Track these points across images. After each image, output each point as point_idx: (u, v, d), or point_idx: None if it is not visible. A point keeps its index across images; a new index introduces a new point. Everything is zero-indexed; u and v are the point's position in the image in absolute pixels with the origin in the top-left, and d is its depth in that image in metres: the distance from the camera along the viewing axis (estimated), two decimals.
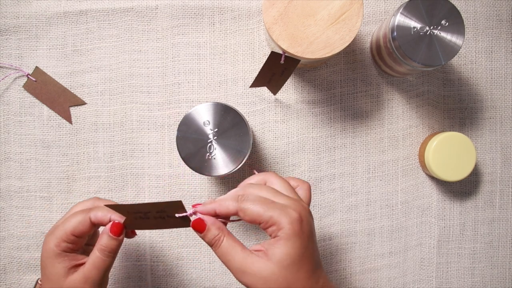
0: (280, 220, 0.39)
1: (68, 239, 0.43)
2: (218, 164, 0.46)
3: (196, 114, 0.47)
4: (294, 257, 0.39)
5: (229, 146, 0.46)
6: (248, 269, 0.39)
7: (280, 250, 0.39)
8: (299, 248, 0.39)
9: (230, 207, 0.41)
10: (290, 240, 0.39)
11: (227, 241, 0.41)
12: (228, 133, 0.46)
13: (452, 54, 0.49)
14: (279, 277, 0.39)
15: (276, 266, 0.39)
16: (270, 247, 0.39)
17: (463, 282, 0.60)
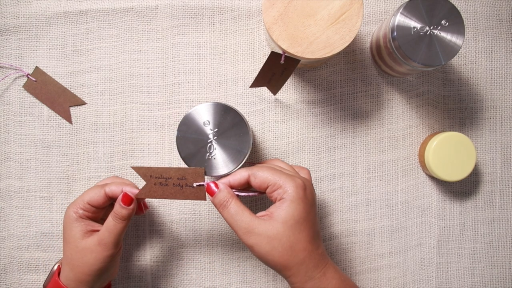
0: (286, 184, 0.43)
1: (84, 207, 0.48)
2: (218, 164, 0.46)
3: (196, 114, 0.47)
4: (298, 218, 0.43)
5: (229, 146, 0.46)
6: (255, 229, 0.43)
7: (285, 211, 0.42)
8: (303, 211, 0.43)
9: (242, 174, 0.45)
10: (294, 202, 0.43)
11: (236, 203, 0.44)
12: (228, 133, 0.47)
13: (452, 54, 0.49)
14: (283, 236, 0.42)
15: (280, 226, 0.42)
16: (275, 209, 0.43)
17: (463, 282, 0.60)
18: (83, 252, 0.47)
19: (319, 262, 0.44)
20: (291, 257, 0.42)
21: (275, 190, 0.44)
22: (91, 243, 0.47)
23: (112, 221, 0.47)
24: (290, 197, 0.43)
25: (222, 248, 0.59)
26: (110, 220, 0.47)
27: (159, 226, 0.59)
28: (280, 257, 0.42)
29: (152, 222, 0.59)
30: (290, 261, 0.42)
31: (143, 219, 0.59)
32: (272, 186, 0.44)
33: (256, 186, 0.45)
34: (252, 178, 0.45)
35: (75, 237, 0.47)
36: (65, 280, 0.48)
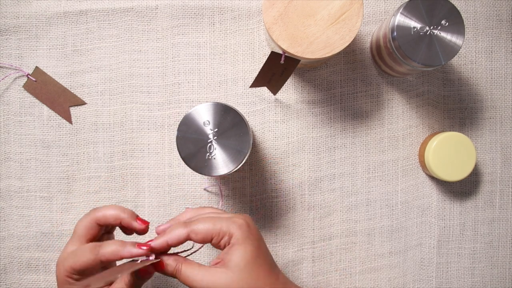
0: (230, 229, 0.42)
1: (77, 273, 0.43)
2: (218, 164, 0.46)
3: (196, 114, 0.47)
4: (249, 258, 0.42)
5: (229, 146, 0.46)
6: (210, 283, 0.41)
7: (235, 255, 0.41)
8: (252, 250, 0.42)
9: (180, 233, 0.42)
10: (242, 244, 0.42)
11: (185, 266, 0.42)
12: (228, 133, 0.46)
13: (452, 54, 0.49)
14: (239, 281, 0.41)
15: (234, 271, 0.41)
16: (225, 256, 0.42)
17: (463, 282, 0.60)
18: None
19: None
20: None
21: (221, 239, 0.42)
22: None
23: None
24: (237, 240, 0.42)
25: None
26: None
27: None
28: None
29: (153, 222, 0.59)
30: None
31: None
32: (217, 237, 0.42)
33: (199, 241, 0.43)
34: (193, 235, 0.42)
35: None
36: None
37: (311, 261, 0.59)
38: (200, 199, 0.59)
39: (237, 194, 0.59)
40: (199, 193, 0.59)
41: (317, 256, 0.60)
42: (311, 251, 0.59)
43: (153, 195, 0.59)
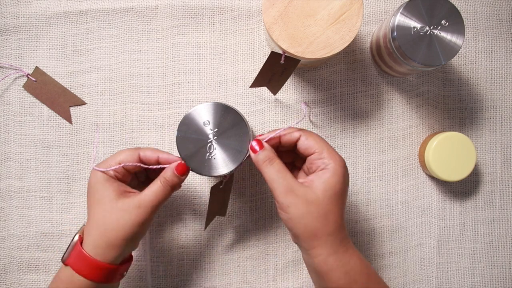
0: (332, 156, 0.44)
1: (116, 169, 0.46)
2: (218, 164, 0.46)
3: (196, 114, 0.47)
4: (336, 191, 0.43)
5: (229, 146, 0.46)
6: (295, 190, 0.43)
7: (327, 181, 0.43)
8: (342, 185, 0.44)
9: (294, 133, 0.46)
10: (336, 175, 0.43)
11: (280, 163, 0.45)
12: (228, 133, 0.46)
13: (452, 54, 0.49)
14: (321, 203, 0.43)
15: (320, 193, 0.43)
16: (316, 178, 0.44)
17: (463, 282, 0.60)
18: (120, 213, 0.44)
19: (344, 238, 0.44)
20: (323, 225, 0.42)
21: (320, 159, 0.44)
22: (131, 204, 0.44)
23: (160, 186, 0.45)
24: (333, 169, 0.43)
25: (222, 248, 0.59)
26: (158, 185, 0.46)
27: (159, 226, 0.59)
28: (313, 223, 0.42)
29: (152, 222, 0.59)
30: (321, 230, 0.42)
31: None
32: (319, 154, 0.44)
33: (302, 149, 0.45)
34: (303, 139, 0.45)
35: (109, 197, 0.45)
36: (92, 248, 0.44)
37: None
38: (200, 199, 0.59)
39: (237, 194, 0.59)
40: (199, 193, 0.59)
41: None
42: None
43: None
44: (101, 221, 0.45)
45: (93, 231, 0.45)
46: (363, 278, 0.44)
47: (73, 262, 0.45)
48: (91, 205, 0.46)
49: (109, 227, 0.44)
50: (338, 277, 0.43)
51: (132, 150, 0.47)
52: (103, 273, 0.44)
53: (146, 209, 0.45)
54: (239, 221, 0.59)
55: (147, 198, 0.45)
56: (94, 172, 0.46)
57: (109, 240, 0.44)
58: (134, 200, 0.45)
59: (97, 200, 0.45)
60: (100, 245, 0.44)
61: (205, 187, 0.59)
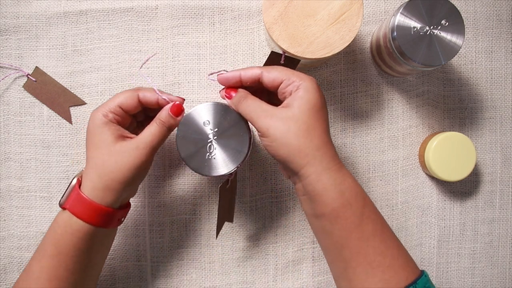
0: (301, 77, 0.43)
1: (115, 111, 0.46)
2: (218, 164, 0.46)
3: (196, 114, 0.47)
4: (313, 105, 0.42)
5: (229, 146, 0.46)
6: (270, 112, 0.43)
7: (300, 98, 0.42)
8: (318, 99, 0.43)
9: (254, 70, 0.45)
10: (309, 91, 0.42)
11: (253, 97, 0.45)
12: (228, 133, 0.47)
13: (452, 54, 0.49)
14: (299, 119, 0.42)
15: (296, 110, 0.42)
16: (290, 99, 0.43)
17: (463, 282, 0.60)
18: (118, 155, 0.44)
19: (334, 154, 0.43)
20: (307, 140, 0.41)
21: (290, 84, 0.43)
22: (129, 146, 0.45)
23: (156, 127, 0.46)
24: (305, 87, 0.42)
25: (222, 248, 0.59)
26: (155, 126, 0.46)
27: (159, 226, 0.59)
28: (295, 139, 0.41)
29: (152, 222, 0.59)
30: (306, 146, 0.41)
31: (143, 218, 0.59)
32: (287, 81, 0.43)
33: (268, 83, 0.44)
34: (265, 74, 0.44)
35: (107, 140, 0.45)
36: (90, 190, 0.44)
37: (311, 261, 0.59)
38: (200, 199, 0.59)
39: (237, 194, 0.59)
40: (199, 193, 0.59)
41: (317, 256, 0.60)
42: (311, 251, 0.59)
43: (153, 195, 0.59)
44: (99, 164, 0.44)
45: (91, 174, 0.45)
46: (359, 202, 0.42)
47: (71, 205, 0.45)
48: (89, 149, 0.46)
49: (107, 169, 0.44)
50: (332, 197, 0.41)
51: (131, 91, 0.47)
52: (101, 216, 0.44)
53: (144, 150, 0.45)
54: (239, 221, 0.59)
55: (144, 140, 0.45)
56: (93, 116, 0.46)
57: (107, 183, 0.44)
58: (132, 142, 0.45)
59: (95, 144, 0.45)
60: (99, 187, 0.44)
61: (205, 187, 0.59)
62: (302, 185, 0.43)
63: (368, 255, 0.41)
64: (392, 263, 0.41)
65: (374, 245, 0.41)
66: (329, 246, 0.43)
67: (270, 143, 0.42)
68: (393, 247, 0.42)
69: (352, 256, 0.41)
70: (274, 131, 0.42)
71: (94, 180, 0.44)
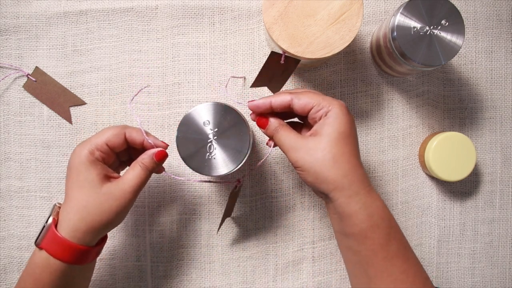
0: (330, 103, 0.44)
1: (102, 148, 0.45)
2: (218, 164, 0.46)
3: (196, 114, 0.47)
4: (341, 131, 0.43)
5: (229, 146, 0.46)
6: (299, 145, 0.44)
7: (329, 125, 0.43)
8: (347, 126, 0.43)
9: (285, 97, 0.45)
10: (338, 117, 0.43)
11: (285, 128, 0.46)
12: (228, 133, 0.46)
13: (452, 54, 0.49)
14: (325, 148, 0.42)
15: (324, 138, 0.43)
16: (319, 126, 0.44)
17: (463, 282, 0.60)
18: (104, 198, 0.44)
19: (364, 178, 0.44)
20: (333, 168, 0.42)
21: (319, 110, 0.44)
22: (116, 189, 0.44)
23: (140, 170, 0.46)
24: (334, 113, 0.43)
25: (222, 248, 0.59)
26: (139, 169, 0.46)
27: (159, 226, 0.59)
28: (322, 168, 0.42)
29: (152, 222, 0.59)
30: (332, 173, 0.42)
31: (143, 219, 0.59)
32: (317, 107, 0.44)
33: (298, 109, 0.45)
34: (295, 100, 0.45)
35: (93, 182, 0.44)
36: (71, 231, 0.43)
37: (311, 261, 0.59)
38: (200, 199, 0.59)
39: None
40: (199, 193, 0.59)
41: (317, 256, 0.60)
42: (311, 251, 0.59)
43: (153, 195, 0.59)
44: (82, 206, 0.43)
45: (72, 215, 0.44)
46: (386, 224, 0.43)
47: (48, 246, 0.44)
48: (71, 188, 0.44)
49: (91, 212, 0.43)
50: (360, 219, 0.42)
51: (118, 129, 0.47)
52: (79, 255, 0.44)
53: (131, 194, 0.45)
54: (239, 221, 0.59)
55: (130, 183, 0.45)
56: (78, 152, 0.45)
57: (90, 225, 0.43)
58: (119, 186, 0.45)
59: (79, 183, 0.44)
60: (80, 229, 0.43)
61: (205, 187, 0.59)
62: (333, 206, 0.44)
63: (392, 274, 0.42)
64: (414, 280, 0.43)
65: (398, 264, 0.43)
66: (355, 263, 0.44)
67: (301, 172, 0.44)
68: (415, 265, 0.44)
69: (377, 274, 0.43)
70: (302, 163, 0.43)
71: (75, 222, 0.43)
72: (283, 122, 0.46)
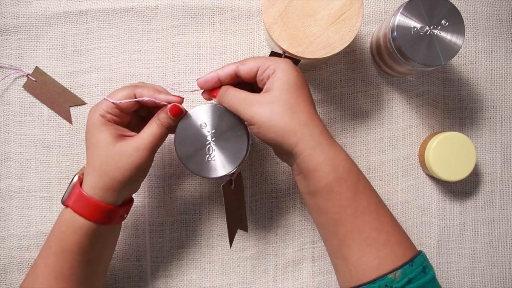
0: (276, 60, 0.44)
1: (112, 111, 0.45)
2: (217, 166, 0.46)
3: (194, 116, 0.47)
4: (292, 83, 0.42)
5: (227, 148, 0.46)
6: (253, 100, 0.43)
7: (278, 79, 0.43)
8: (297, 77, 0.43)
9: (230, 67, 0.45)
10: (286, 71, 0.43)
11: (233, 89, 0.45)
12: (226, 135, 0.46)
13: (452, 54, 0.49)
14: (280, 100, 0.42)
15: (276, 91, 0.42)
16: (270, 83, 0.43)
17: (463, 282, 0.60)
18: (118, 156, 0.44)
19: (324, 129, 0.43)
20: (292, 118, 0.41)
21: (266, 69, 0.44)
22: (129, 147, 0.44)
23: (156, 127, 0.45)
24: (281, 69, 0.43)
25: (222, 248, 0.59)
26: (154, 126, 0.45)
27: (159, 226, 0.59)
28: (281, 119, 0.41)
29: (152, 222, 0.59)
30: (292, 123, 0.41)
31: (143, 219, 0.59)
32: (262, 67, 0.44)
33: (245, 75, 0.45)
34: (241, 67, 0.45)
35: (106, 141, 0.44)
36: (91, 190, 0.44)
37: (311, 261, 0.59)
38: (200, 199, 0.59)
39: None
40: (199, 193, 0.59)
41: (317, 256, 0.60)
42: (311, 251, 0.59)
43: (153, 195, 0.59)
44: (98, 165, 0.44)
45: (91, 173, 0.45)
46: (353, 177, 0.42)
47: (73, 203, 0.45)
48: (88, 148, 0.46)
49: (106, 170, 0.44)
50: (326, 172, 0.41)
51: (128, 90, 0.46)
52: (103, 214, 0.44)
53: (145, 151, 0.44)
54: None
55: (144, 141, 0.45)
56: (90, 116, 0.46)
57: (107, 183, 0.44)
58: (131, 143, 0.44)
59: (93, 144, 0.45)
60: (99, 187, 0.44)
61: (205, 187, 0.59)
62: (296, 164, 0.43)
63: (362, 231, 0.41)
64: (388, 239, 0.41)
65: (368, 220, 0.41)
66: (324, 223, 0.43)
67: (258, 130, 0.43)
68: (388, 224, 0.42)
69: (347, 232, 0.41)
70: (259, 117, 0.42)
71: (94, 180, 0.44)
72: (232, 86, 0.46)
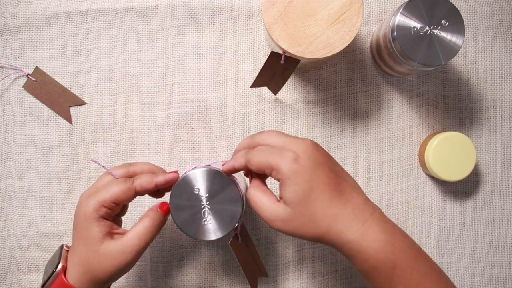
0: (278, 164, 0.41)
1: (108, 205, 0.44)
2: (215, 228, 0.45)
3: (187, 182, 0.46)
4: (301, 192, 0.41)
5: (222, 210, 0.45)
6: (273, 215, 0.42)
7: (286, 191, 0.41)
8: (303, 183, 0.41)
9: (241, 161, 0.44)
10: (290, 179, 0.41)
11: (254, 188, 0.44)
12: (219, 197, 0.46)
13: (452, 54, 0.49)
14: (296, 215, 0.41)
15: (289, 207, 0.41)
16: (281, 194, 0.42)
17: (463, 282, 0.60)
18: (103, 257, 0.43)
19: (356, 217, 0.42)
20: (316, 229, 0.41)
21: (271, 172, 0.42)
22: (114, 249, 0.43)
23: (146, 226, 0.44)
24: (285, 176, 0.41)
25: (222, 248, 0.59)
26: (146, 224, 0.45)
27: None
28: (307, 233, 0.41)
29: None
30: (318, 232, 0.41)
31: None
32: (268, 171, 0.42)
33: (255, 172, 0.44)
34: (249, 166, 0.44)
35: (94, 239, 0.43)
36: (77, 282, 0.44)
37: (311, 261, 0.59)
38: None
39: None
40: None
41: (317, 256, 0.60)
42: (311, 251, 0.59)
43: None
44: (84, 260, 0.44)
45: (76, 267, 0.44)
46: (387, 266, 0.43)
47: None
48: (76, 238, 0.45)
49: (91, 268, 0.43)
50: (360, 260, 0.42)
51: (128, 185, 0.45)
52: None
53: (129, 255, 0.44)
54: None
55: (130, 243, 0.44)
56: (84, 204, 0.44)
57: (91, 278, 0.44)
58: (117, 245, 0.43)
59: (82, 238, 0.44)
60: (83, 280, 0.44)
61: None
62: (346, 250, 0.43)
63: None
64: None
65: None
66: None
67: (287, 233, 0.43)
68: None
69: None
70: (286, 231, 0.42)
71: (78, 274, 0.44)
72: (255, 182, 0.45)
